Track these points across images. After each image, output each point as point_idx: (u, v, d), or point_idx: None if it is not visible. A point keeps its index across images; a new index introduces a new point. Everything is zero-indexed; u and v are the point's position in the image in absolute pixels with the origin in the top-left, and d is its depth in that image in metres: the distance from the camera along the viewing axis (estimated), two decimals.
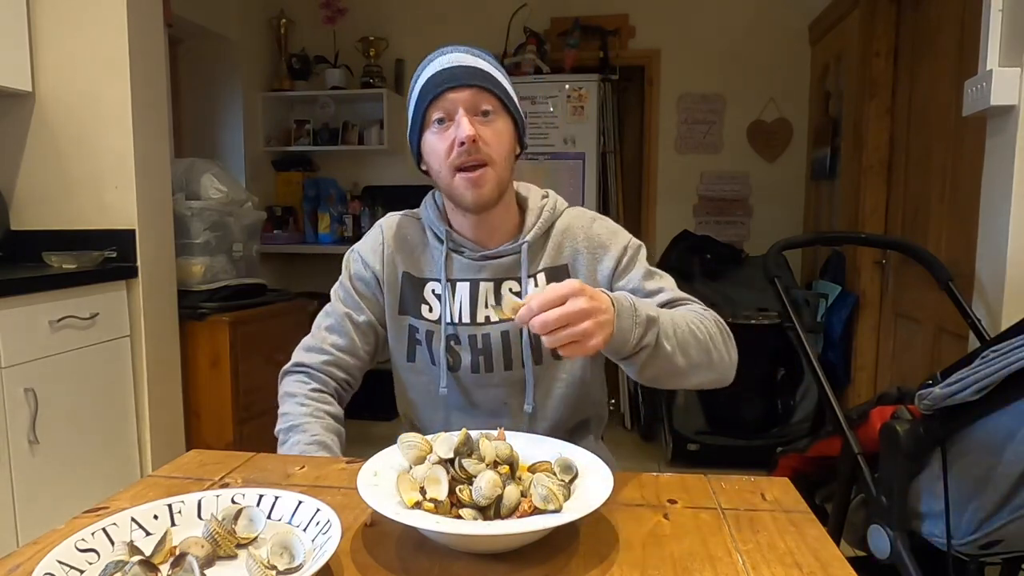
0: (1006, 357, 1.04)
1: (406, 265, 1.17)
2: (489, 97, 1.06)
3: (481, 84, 1.05)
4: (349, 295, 1.19)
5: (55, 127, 2.23)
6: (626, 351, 0.88)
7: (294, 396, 1.14)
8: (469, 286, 1.13)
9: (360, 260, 1.19)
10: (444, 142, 1.05)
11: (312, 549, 0.67)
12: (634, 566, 0.67)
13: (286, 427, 1.10)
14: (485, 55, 1.10)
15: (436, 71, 1.06)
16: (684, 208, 4.05)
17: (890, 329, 2.85)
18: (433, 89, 1.05)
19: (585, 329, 0.79)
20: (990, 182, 1.77)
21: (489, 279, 1.13)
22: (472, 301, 1.13)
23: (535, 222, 1.15)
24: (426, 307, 1.15)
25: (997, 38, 1.68)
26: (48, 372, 1.93)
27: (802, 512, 0.80)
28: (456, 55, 1.07)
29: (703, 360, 0.97)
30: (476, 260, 1.13)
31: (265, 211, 3.46)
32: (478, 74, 1.05)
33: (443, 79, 1.05)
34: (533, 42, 3.75)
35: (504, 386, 1.14)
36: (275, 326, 2.74)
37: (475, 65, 1.06)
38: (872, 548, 1.28)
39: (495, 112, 1.06)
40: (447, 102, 1.04)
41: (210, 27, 3.57)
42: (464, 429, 0.76)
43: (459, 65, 1.05)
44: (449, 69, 1.05)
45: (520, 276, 1.12)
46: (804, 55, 3.86)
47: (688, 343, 0.95)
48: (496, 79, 1.08)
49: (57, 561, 0.62)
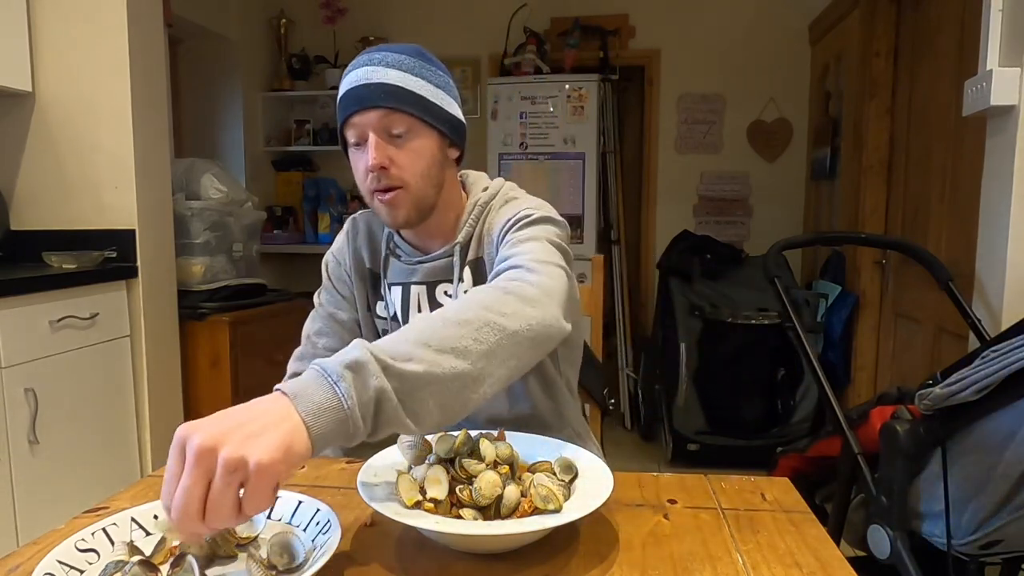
0: (1006, 357, 1.04)
1: (370, 261, 1.17)
2: (401, 117, 0.99)
3: (391, 105, 0.98)
4: (331, 295, 1.19)
5: (55, 127, 2.23)
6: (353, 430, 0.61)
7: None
8: (401, 290, 1.12)
9: (334, 260, 1.20)
10: (360, 164, 1.02)
11: (312, 549, 0.67)
12: (634, 566, 0.67)
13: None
14: (407, 58, 1.01)
15: (348, 88, 1.00)
16: (684, 208, 4.05)
17: (890, 329, 2.85)
18: (344, 110, 1.00)
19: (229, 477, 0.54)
20: (990, 182, 1.77)
21: (421, 282, 1.11)
22: (404, 305, 1.12)
23: (467, 220, 1.10)
24: (381, 304, 1.15)
25: (997, 38, 1.68)
26: (48, 372, 1.93)
27: (802, 512, 0.80)
28: (368, 70, 0.99)
29: (491, 344, 0.71)
30: (411, 264, 1.11)
31: (265, 211, 3.46)
32: (388, 92, 0.98)
33: (352, 99, 0.99)
34: (533, 42, 3.75)
35: None
36: (275, 326, 2.74)
37: (385, 81, 0.98)
38: (872, 548, 1.28)
39: (409, 131, 1.00)
40: (358, 125, 1.00)
41: (210, 27, 3.57)
42: (464, 429, 0.76)
43: (369, 83, 0.98)
44: (357, 89, 0.99)
45: (451, 279, 1.09)
46: (804, 55, 3.86)
47: (455, 343, 0.69)
48: (410, 94, 0.99)
49: (57, 561, 0.62)
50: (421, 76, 1.01)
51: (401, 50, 1.02)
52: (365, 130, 0.99)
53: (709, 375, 3.09)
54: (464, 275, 1.08)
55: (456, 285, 1.08)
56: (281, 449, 0.56)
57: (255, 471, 0.54)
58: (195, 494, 0.53)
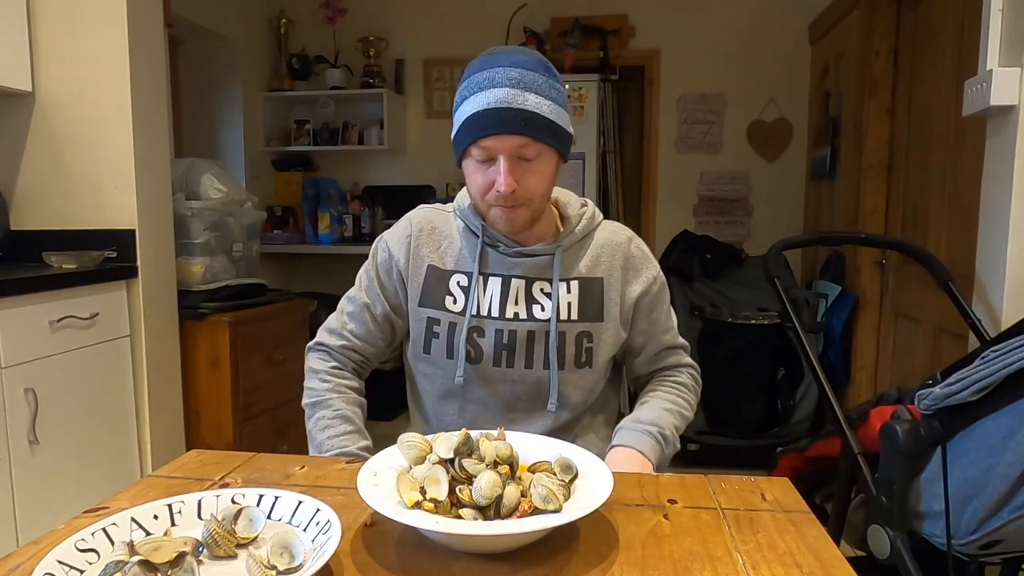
0: (1006, 357, 1.04)
1: (432, 258, 1.17)
2: (535, 145, 1.02)
3: (526, 133, 1.01)
4: (371, 284, 1.20)
5: (55, 127, 2.23)
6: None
7: (317, 372, 1.20)
8: (501, 281, 1.14)
9: (387, 249, 1.20)
10: (484, 178, 1.05)
11: (312, 549, 0.67)
12: (634, 566, 0.67)
13: (311, 402, 1.18)
14: (538, 75, 1.03)
15: (483, 108, 1.01)
16: (684, 208, 4.05)
17: (890, 329, 2.85)
18: (477, 131, 1.02)
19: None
20: (990, 182, 1.77)
21: (521, 276, 1.14)
22: (503, 296, 1.14)
23: (572, 228, 1.16)
24: (450, 299, 1.15)
25: (997, 38, 1.68)
26: (48, 372, 1.93)
27: (802, 512, 0.80)
28: (509, 92, 1.00)
29: (682, 426, 1.21)
30: (511, 256, 1.14)
31: (265, 211, 3.45)
32: (526, 119, 1.00)
33: (488, 122, 1.01)
34: (533, 42, 3.75)
35: (523, 383, 1.15)
36: (275, 326, 2.73)
37: (523, 107, 1.00)
38: (872, 548, 1.28)
39: (539, 155, 1.04)
40: (491, 147, 1.02)
41: (210, 27, 3.57)
42: (464, 429, 0.76)
43: (507, 107, 1.00)
44: (496, 111, 1.00)
45: (552, 278, 1.13)
46: (804, 55, 3.86)
47: (678, 432, 1.18)
48: (546, 121, 1.02)
49: (57, 561, 0.62)
50: (551, 98, 1.04)
51: (531, 65, 1.04)
52: (497, 152, 1.02)
53: (709, 375, 3.05)
54: (572, 286, 1.15)
55: (556, 286, 1.13)
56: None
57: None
58: None
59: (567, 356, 1.14)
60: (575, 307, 1.14)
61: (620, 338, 1.19)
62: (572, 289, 1.14)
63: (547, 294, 1.14)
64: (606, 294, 1.16)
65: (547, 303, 1.14)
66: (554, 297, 1.13)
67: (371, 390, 1.26)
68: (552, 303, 1.13)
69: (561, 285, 1.14)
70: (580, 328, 1.14)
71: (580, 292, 1.15)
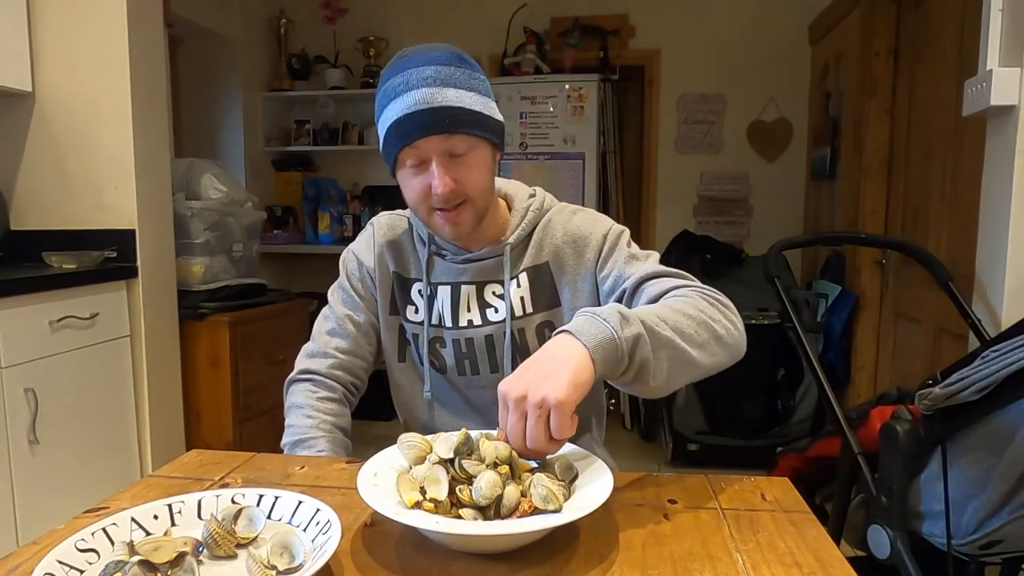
0: (1006, 357, 1.04)
1: (395, 265, 1.16)
2: (463, 139, 0.99)
3: (453, 130, 0.97)
4: (348, 295, 1.18)
5: (55, 127, 2.23)
6: (619, 360, 0.78)
7: (301, 408, 1.12)
8: (450, 290, 1.12)
9: (355, 259, 1.18)
10: (419, 183, 1.01)
11: (312, 549, 0.67)
12: (634, 566, 0.67)
13: (292, 441, 1.10)
14: (454, 69, 0.99)
15: (403, 114, 0.97)
16: (684, 208, 4.05)
17: (890, 329, 2.85)
18: (402, 137, 0.98)
19: (536, 413, 0.72)
20: (990, 182, 1.77)
21: (471, 282, 1.11)
22: (453, 304, 1.11)
23: (519, 223, 1.12)
24: (412, 308, 1.14)
25: (997, 38, 1.68)
26: (48, 372, 1.93)
27: (802, 512, 0.80)
28: (426, 92, 0.96)
29: (706, 338, 0.87)
30: (458, 263, 1.11)
31: (265, 211, 3.46)
32: (449, 117, 0.97)
33: (410, 128, 0.97)
34: (533, 42, 3.75)
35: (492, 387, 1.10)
36: (275, 326, 2.74)
37: (445, 104, 0.97)
38: (872, 548, 1.28)
39: (470, 149, 1.00)
40: (419, 150, 0.99)
41: (210, 27, 3.57)
42: (464, 429, 0.76)
43: (428, 108, 0.96)
44: (416, 114, 0.96)
45: (503, 279, 1.10)
46: (804, 55, 3.86)
47: (684, 328, 0.85)
48: (470, 113, 0.99)
49: (57, 561, 0.62)
50: (471, 88, 1.00)
51: (445, 60, 0.99)
52: (428, 154, 0.99)
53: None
54: (521, 280, 1.10)
55: (507, 286, 1.09)
56: (571, 385, 0.72)
57: (555, 406, 0.71)
58: (518, 430, 0.73)
59: (530, 350, 1.06)
60: (527, 300, 1.10)
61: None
62: (522, 283, 1.10)
63: (499, 296, 1.10)
64: (557, 278, 1.11)
65: (500, 305, 1.10)
66: (506, 297, 1.09)
67: (371, 390, 1.25)
68: (505, 303, 1.09)
69: (512, 283, 1.10)
70: (539, 319, 1.10)
71: (530, 283, 1.10)
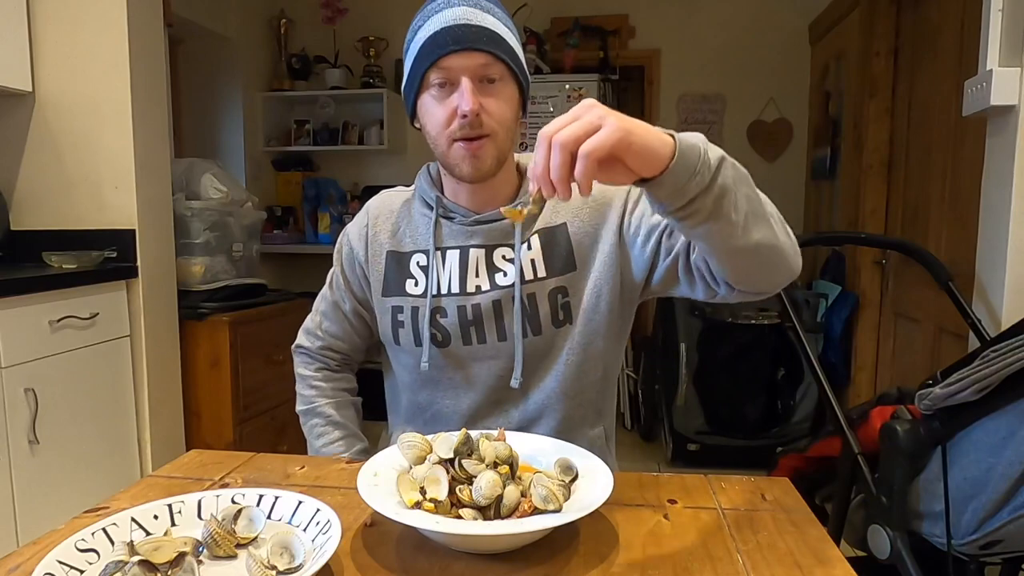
0: (1006, 357, 1.04)
1: (390, 243, 1.12)
2: (497, 63, 0.95)
3: (489, 49, 0.94)
4: (337, 280, 1.18)
5: (55, 127, 2.23)
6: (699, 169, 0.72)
7: (304, 378, 1.19)
8: (459, 253, 1.06)
9: (348, 243, 1.16)
10: (444, 109, 0.97)
11: (312, 549, 0.67)
12: (634, 566, 0.67)
13: (303, 409, 1.18)
14: (495, 5, 0.99)
15: (440, 28, 0.94)
16: None
17: (890, 329, 2.85)
18: (435, 51, 0.94)
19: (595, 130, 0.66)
20: (990, 182, 1.77)
21: (480, 245, 1.05)
22: (462, 268, 1.05)
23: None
24: (411, 282, 1.08)
25: (997, 38, 1.68)
26: (48, 372, 1.93)
27: (802, 512, 0.80)
28: (466, 10, 0.95)
29: (777, 216, 0.88)
30: (467, 225, 1.06)
31: (265, 211, 3.45)
32: (487, 36, 0.94)
33: (447, 40, 0.93)
34: (533, 42, 3.75)
35: (500, 358, 1.05)
36: (275, 326, 2.73)
37: (483, 24, 0.95)
38: (872, 548, 1.28)
39: (502, 79, 0.97)
40: (450, 67, 0.94)
41: (210, 27, 3.57)
42: (464, 429, 0.76)
43: (466, 23, 0.94)
44: (454, 28, 0.94)
45: (513, 243, 1.05)
46: (804, 55, 3.86)
47: (760, 195, 0.84)
48: (506, 41, 0.97)
49: (57, 561, 0.62)
50: (509, 28, 0.99)
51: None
52: (458, 74, 0.94)
53: (709, 375, 3.09)
54: (533, 242, 1.05)
55: (518, 249, 1.04)
56: (638, 129, 0.67)
57: (606, 128, 0.65)
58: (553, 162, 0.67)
59: (541, 317, 1.03)
60: (539, 263, 1.04)
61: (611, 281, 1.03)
62: (533, 245, 1.04)
63: (510, 260, 1.05)
64: (574, 238, 1.05)
65: (510, 268, 1.04)
66: (516, 260, 1.03)
67: (371, 390, 1.25)
68: (515, 266, 1.03)
69: (523, 246, 1.04)
70: (552, 284, 1.04)
71: (543, 245, 1.04)
